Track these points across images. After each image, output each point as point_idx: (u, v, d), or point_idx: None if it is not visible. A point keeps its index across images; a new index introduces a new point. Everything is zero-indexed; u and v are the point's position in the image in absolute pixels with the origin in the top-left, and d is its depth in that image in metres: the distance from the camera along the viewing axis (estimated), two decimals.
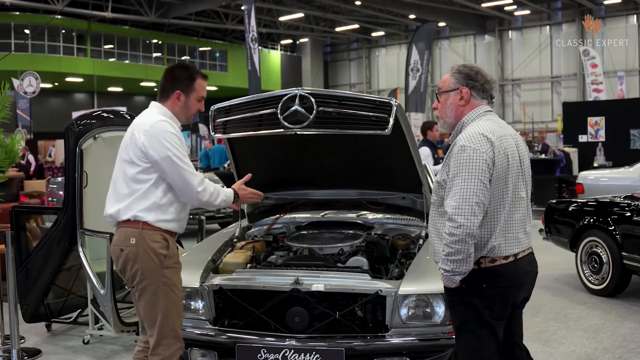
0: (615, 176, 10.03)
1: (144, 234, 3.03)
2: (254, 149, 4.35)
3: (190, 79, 3.19)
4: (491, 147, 2.58)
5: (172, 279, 3.08)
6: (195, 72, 3.22)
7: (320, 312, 3.49)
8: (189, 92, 3.19)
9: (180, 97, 3.17)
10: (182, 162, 3.01)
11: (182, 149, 3.05)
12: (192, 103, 3.21)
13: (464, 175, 2.53)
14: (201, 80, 3.22)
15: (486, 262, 2.63)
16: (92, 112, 5.16)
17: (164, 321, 3.05)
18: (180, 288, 3.16)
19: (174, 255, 3.11)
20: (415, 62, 23.70)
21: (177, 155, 3.00)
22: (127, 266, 3.07)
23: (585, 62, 22.70)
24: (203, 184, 3.07)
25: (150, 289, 3.04)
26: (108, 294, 4.34)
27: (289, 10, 34.01)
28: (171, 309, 3.07)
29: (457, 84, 2.76)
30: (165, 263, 3.05)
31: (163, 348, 3.05)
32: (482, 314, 2.63)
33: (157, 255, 3.03)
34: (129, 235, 3.06)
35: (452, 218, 2.51)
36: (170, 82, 3.18)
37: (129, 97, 37.23)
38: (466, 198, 2.50)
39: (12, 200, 7.40)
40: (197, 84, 3.20)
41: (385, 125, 3.49)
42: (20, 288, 4.82)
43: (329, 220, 4.71)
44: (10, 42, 29.56)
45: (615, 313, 5.65)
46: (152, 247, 3.03)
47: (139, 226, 3.04)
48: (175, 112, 3.18)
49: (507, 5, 33.39)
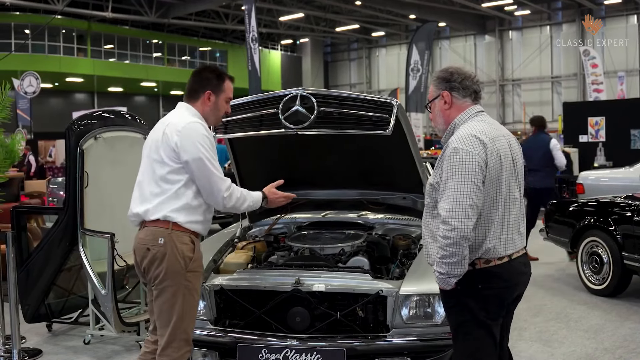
0: (615, 176, 10.02)
1: (173, 235, 3.01)
2: (255, 149, 4.35)
3: (220, 79, 3.20)
4: (483, 148, 2.56)
5: (193, 282, 3.06)
6: (224, 73, 3.25)
7: (321, 312, 3.49)
8: (219, 93, 3.19)
9: (210, 97, 3.17)
10: (212, 166, 3.01)
11: (213, 152, 3.06)
12: (221, 104, 3.21)
13: (457, 177, 2.52)
14: (229, 81, 3.24)
15: (481, 263, 2.63)
16: (93, 112, 5.17)
17: (178, 323, 3.03)
18: (199, 293, 3.15)
19: (198, 258, 3.10)
20: (415, 62, 23.72)
21: (209, 157, 3.01)
22: (152, 265, 3.04)
23: (586, 62, 22.70)
24: (230, 189, 3.07)
25: (170, 290, 3.02)
26: (109, 294, 4.34)
27: (289, 10, 34.01)
28: (187, 313, 3.06)
29: (438, 90, 2.78)
30: (190, 266, 3.03)
31: (172, 350, 3.04)
32: (477, 315, 2.63)
33: (184, 258, 3.02)
34: (157, 234, 3.02)
35: (446, 221, 2.50)
36: (199, 84, 3.19)
37: (129, 97, 37.23)
38: (460, 201, 2.49)
39: (12, 201, 7.40)
40: (226, 85, 3.22)
41: (386, 125, 3.49)
42: (21, 288, 4.82)
43: (329, 221, 4.71)
44: (10, 42, 29.57)
45: (615, 313, 5.65)
46: (180, 248, 3.01)
47: (169, 226, 3.02)
48: (205, 113, 3.18)
49: (508, 5, 33.39)
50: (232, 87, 3.27)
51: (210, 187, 3.03)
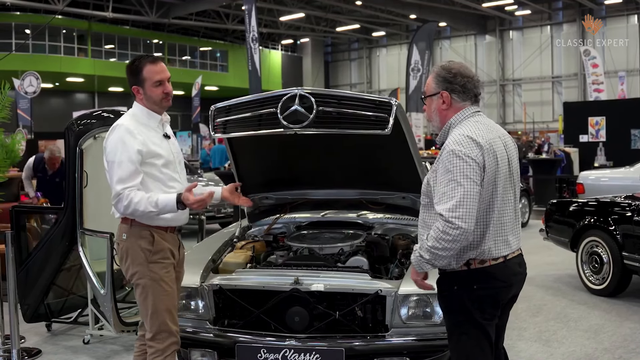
0: (615, 176, 10.02)
1: (133, 230, 3.14)
2: (254, 149, 4.35)
3: (135, 72, 3.18)
4: (480, 151, 2.55)
5: (159, 273, 3.12)
6: (138, 61, 3.20)
7: (320, 312, 3.49)
8: (142, 83, 3.18)
9: (139, 91, 3.21)
10: (115, 170, 3.06)
11: (130, 155, 3.05)
12: (150, 90, 3.18)
13: (459, 179, 2.50)
14: (149, 65, 3.17)
15: (476, 263, 2.62)
16: (93, 112, 5.17)
17: (154, 316, 3.12)
18: (170, 283, 3.17)
19: (160, 250, 3.15)
20: (416, 62, 23.74)
21: (117, 161, 3.05)
22: (122, 261, 3.20)
23: (586, 62, 22.68)
24: (118, 196, 3.05)
25: (140, 283, 3.14)
26: (108, 293, 4.34)
27: (290, 10, 34.01)
28: (159, 305, 3.12)
29: (438, 88, 2.74)
30: (151, 258, 3.12)
31: (157, 342, 3.13)
32: (473, 315, 2.62)
33: (143, 251, 3.12)
34: (121, 231, 3.20)
35: (450, 220, 2.46)
36: (128, 82, 3.24)
37: (129, 97, 36.38)
38: (464, 202, 2.48)
39: (12, 200, 7.40)
40: (145, 72, 3.16)
41: (385, 125, 3.48)
42: (20, 288, 4.82)
43: (329, 220, 4.71)
44: (11, 42, 29.57)
45: (615, 313, 5.64)
46: (138, 243, 3.12)
47: (129, 223, 3.15)
48: (146, 106, 3.22)
49: (508, 5, 33.38)
50: (156, 69, 3.17)
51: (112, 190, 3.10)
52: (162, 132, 3.25)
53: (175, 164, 3.26)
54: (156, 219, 3.13)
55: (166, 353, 3.11)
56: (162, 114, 3.28)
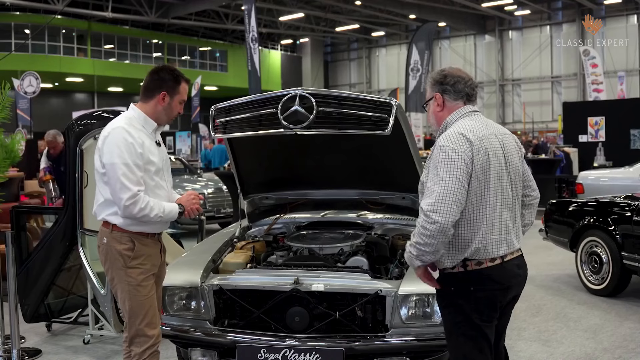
0: (615, 176, 10.03)
1: (114, 235, 3.17)
2: (254, 149, 4.35)
3: (176, 81, 3.25)
4: (470, 146, 2.57)
5: (135, 278, 3.15)
6: (181, 76, 3.30)
7: (320, 312, 3.49)
8: (174, 94, 3.25)
9: (165, 98, 3.23)
10: (123, 172, 3.02)
11: (135, 158, 3.06)
12: (175, 105, 3.28)
13: (441, 174, 2.53)
14: (185, 84, 3.30)
15: (472, 264, 2.62)
16: (93, 112, 5.16)
17: (131, 320, 3.17)
18: (148, 288, 3.19)
19: (139, 256, 3.17)
20: (415, 62, 23.74)
21: (124, 163, 3.03)
22: (103, 263, 3.24)
23: (586, 62, 22.71)
24: (134, 198, 3.04)
25: (119, 287, 3.18)
26: (108, 294, 4.35)
27: (289, 10, 34.01)
28: (136, 309, 3.15)
29: (432, 92, 2.82)
30: (129, 263, 3.14)
31: (135, 345, 3.18)
32: (470, 317, 2.63)
33: (122, 256, 3.14)
34: (102, 234, 3.22)
35: (428, 214, 2.49)
36: (155, 83, 3.24)
37: (129, 97, 37.14)
38: (443, 196, 2.49)
39: (12, 200, 7.40)
40: (182, 87, 3.28)
41: (385, 125, 3.49)
42: (20, 288, 4.82)
43: (329, 220, 4.71)
44: (10, 42, 29.58)
45: (615, 313, 5.65)
46: (117, 248, 3.15)
47: (109, 228, 3.17)
48: (157, 113, 3.25)
49: (508, 5, 33.40)
50: (187, 90, 3.34)
51: (115, 193, 3.07)
52: (154, 138, 3.28)
53: (163, 171, 3.30)
54: (140, 225, 3.15)
55: (144, 356, 3.15)
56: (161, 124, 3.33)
